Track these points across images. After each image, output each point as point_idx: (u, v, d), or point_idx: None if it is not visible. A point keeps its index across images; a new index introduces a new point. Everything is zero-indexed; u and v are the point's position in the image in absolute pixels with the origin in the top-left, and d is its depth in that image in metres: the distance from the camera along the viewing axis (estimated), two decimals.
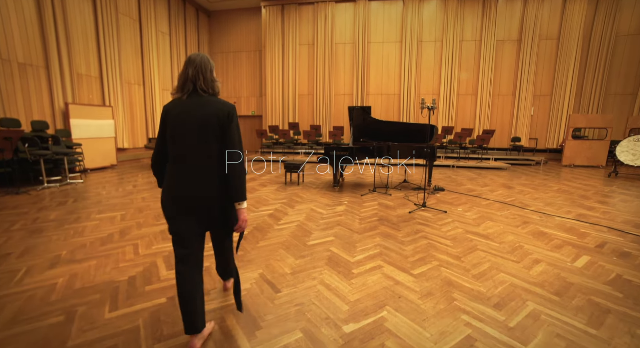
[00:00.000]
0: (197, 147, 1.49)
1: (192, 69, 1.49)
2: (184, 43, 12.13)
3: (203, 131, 1.47)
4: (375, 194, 5.44)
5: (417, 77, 11.78)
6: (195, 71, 1.49)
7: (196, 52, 1.55)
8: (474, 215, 4.18)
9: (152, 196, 5.07)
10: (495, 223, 3.86)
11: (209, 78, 1.52)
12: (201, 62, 1.51)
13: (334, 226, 3.67)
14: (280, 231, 3.48)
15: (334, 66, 12.37)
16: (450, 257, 2.82)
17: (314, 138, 10.77)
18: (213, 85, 1.54)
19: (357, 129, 6.39)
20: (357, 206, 4.60)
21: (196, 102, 1.50)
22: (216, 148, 1.51)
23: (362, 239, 3.26)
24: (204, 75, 1.51)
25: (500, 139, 11.56)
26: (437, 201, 5.00)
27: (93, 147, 7.77)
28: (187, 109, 1.49)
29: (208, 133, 1.48)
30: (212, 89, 1.54)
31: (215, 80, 1.55)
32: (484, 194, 5.51)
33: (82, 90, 7.90)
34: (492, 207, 4.64)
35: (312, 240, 3.22)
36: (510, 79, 11.19)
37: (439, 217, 4.07)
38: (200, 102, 1.49)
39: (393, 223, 3.79)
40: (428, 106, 4.17)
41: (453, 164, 9.41)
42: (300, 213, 4.23)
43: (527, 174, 7.97)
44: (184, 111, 1.49)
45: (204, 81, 1.51)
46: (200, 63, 1.51)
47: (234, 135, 1.52)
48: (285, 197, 5.20)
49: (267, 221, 3.87)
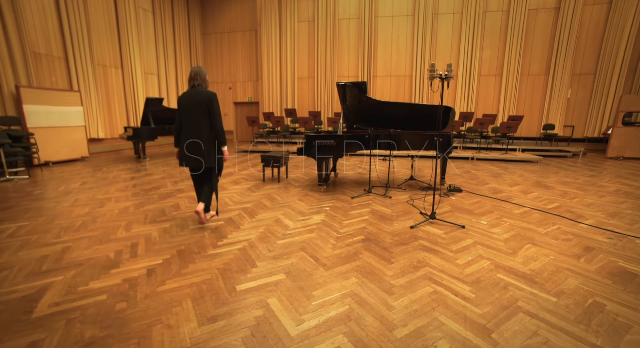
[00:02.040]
0: (195, 119, 2.77)
1: (193, 74, 2.78)
2: (171, 22, 11.00)
3: (201, 107, 2.75)
4: (371, 197, 4.21)
5: (431, 57, 10.23)
6: (195, 75, 2.78)
7: (197, 66, 3.08)
8: (506, 233, 2.90)
9: (88, 198, 4.05)
10: (540, 248, 2.58)
11: (202, 79, 2.81)
12: (199, 70, 2.79)
13: (295, 252, 2.49)
14: (209, 261, 2.34)
15: (337, 45, 10.96)
16: (472, 329, 1.60)
17: (311, 125, 9.52)
18: (206, 84, 2.84)
19: (352, 113, 5.12)
20: (341, 216, 3.40)
21: (196, 91, 2.78)
22: (206, 119, 2.78)
23: (328, 280, 2.08)
24: (201, 77, 2.80)
25: (528, 127, 9.94)
26: (451, 208, 3.72)
27: (56, 137, 6.85)
28: (189, 97, 2.77)
29: (198, 110, 2.75)
30: (206, 85, 2.84)
31: (206, 80, 2.83)
32: (515, 198, 4.18)
33: (42, 72, 6.94)
34: (529, 218, 3.33)
35: (248, 281, 2.06)
36: (544, 55, 9.47)
37: (453, 236, 2.82)
38: (198, 92, 2.77)
39: (384, 248, 2.58)
40: (440, 74, 2.87)
41: (472, 155, 7.98)
42: (258, 226, 3.08)
43: (565, 169, 6.49)
44: (188, 96, 2.78)
45: (201, 80, 2.80)
46: (198, 71, 2.79)
47: (216, 111, 2.76)
48: (253, 200, 4.05)
49: (204, 240, 2.74)
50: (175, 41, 11.23)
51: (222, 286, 1.99)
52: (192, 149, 2.75)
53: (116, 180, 5.22)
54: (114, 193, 4.39)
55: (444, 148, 4.58)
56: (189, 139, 2.75)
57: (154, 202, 3.94)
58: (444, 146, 4.57)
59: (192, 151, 2.76)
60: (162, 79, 10.73)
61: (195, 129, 2.73)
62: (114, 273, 2.14)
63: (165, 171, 6.07)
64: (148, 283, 2.01)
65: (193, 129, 2.73)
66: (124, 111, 9.25)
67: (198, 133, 2.73)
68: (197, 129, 2.73)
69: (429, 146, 4.51)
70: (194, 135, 2.74)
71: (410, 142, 4.57)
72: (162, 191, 4.47)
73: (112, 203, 3.86)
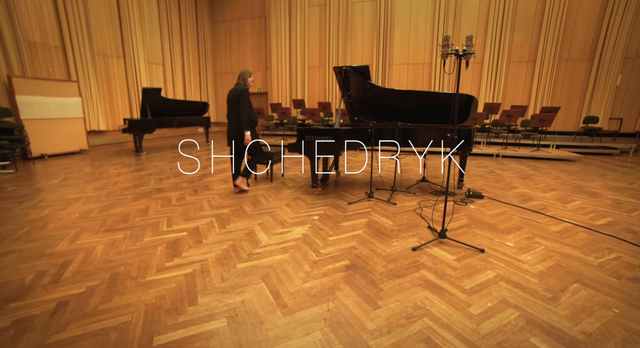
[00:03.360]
0: (232, 109, 3.63)
1: (239, 75, 3.65)
2: (177, 10, 10.59)
3: (234, 101, 3.58)
4: (372, 203, 3.56)
5: (454, 42, 9.20)
6: (239, 76, 3.64)
7: (243, 70, 3.70)
8: (540, 263, 2.18)
9: (56, 198, 3.66)
10: (594, 292, 1.85)
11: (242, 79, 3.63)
12: (242, 73, 3.63)
13: (253, 283, 1.92)
14: (142, 292, 1.81)
15: (350, 31, 10.15)
16: None
17: (319, 118, 8.86)
18: (246, 83, 3.62)
19: (356, 103, 4.44)
20: (329, 229, 2.79)
21: (235, 88, 3.61)
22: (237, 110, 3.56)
23: (281, 335, 1.48)
24: (242, 77, 3.62)
25: (564, 120, 8.78)
26: (468, 220, 3.01)
27: (52, 129, 6.63)
28: (231, 93, 3.63)
29: (234, 102, 3.58)
30: (246, 83, 3.63)
31: (246, 80, 3.62)
32: (550, 208, 3.39)
33: (38, 62, 6.70)
34: (572, 240, 2.57)
35: (173, 330, 1.50)
36: (588, 37, 8.22)
37: (468, 264, 2.14)
38: (236, 88, 3.59)
39: (372, 281, 1.95)
40: (456, 49, 2.16)
41: (498, 152, 7.06)
42: (224, 241, 2.53)
43: (612, 171, 5.49)
44: (230, 92, 3.63)
45: (241, 80, 3.62)
46: (241, 73, 3.63)
47: (242, 102, 3.51)
48: (233, 204, 3.52)
49: (151, 259, 2.22)
50: (182, 30, 10.83)
51: (136, 337, 1.46)
52: (230, 132, 3.71)
53: (101, 176, 4.86)
54: (89, 191, 4.00)
55: (463, 145, 3.83)
56: (229, 125, 3.71)
57: (124, 204, 3.49)
58: (462, 143, 3.82)
59: (230, 134, 3.72)
60: (168, 69, 10.39)
61: (232, 117, 3.65)
62: (10, 310, 1.66)
63: (156, 167, 5.68)
64: (43, 329, 1.51)
65: (231, 117, 3.66)
66: (126, 102, 8.98)
67: (234, 120, 3.64)
68: (233, 117, 3.65)
69: (445, 143, 3.77)
70: (232, 122, 3.67)
71: (422, 138, 3.85)
72: (140, 191, 4.04)
73: (78, 205, 3.45)
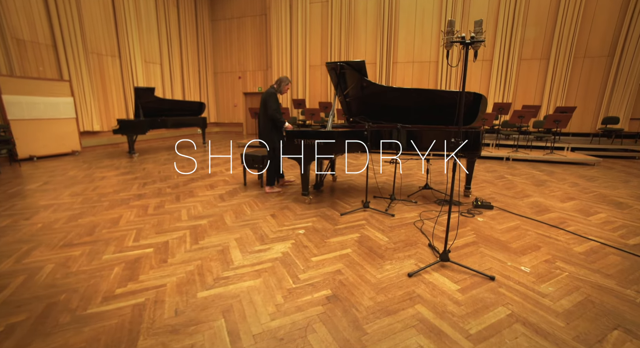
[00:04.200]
0: (261, 111, 3.73)
1: (279, 78, 3.72)
2: (176, 7, 10.34)
3: (263, 104, 3.69)
4: (367, 213, 3.19)
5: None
6: (279, 79, 3.72)
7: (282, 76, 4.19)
8: (565, 297, 1.79)
9: (25, 205, 3.39)
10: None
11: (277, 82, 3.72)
12: (280, 78, 3.71)
13: (211, 320, 1.57)
14: (70, 337, 1.48)
15: (353, 28, 9.77)
16: None
17: (319, 118, 8.50)
18: (280, 88, 3.72)
19: (354, 102, 4.08)
20: (314, 246, 2.43)
21: (266, 91, 3.73)
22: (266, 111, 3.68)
23: None
24: (277, 82, 3.72)
25: (580, 121, 8.25)
26: (476, 236, 2.62)
27: (41, 130, 6.42)
28: (263, 95, 3.71)
29: (263, 105, 3.69)
30: (279, 88, 3.72)
31: (280, 84, 3.71)
32: (571, 222, 2.97)
33: (27, 60, 6.50)
34: (602, 264, 2.16)
35: None
36: (609, 32, 7.68)
37: (474, 297, 1.76)
38: (267, 91, 3.71)
39: (354, 320, 1.58)
40: (462, 36, 1.78)
41: (508, 155, 6.61)
42: (191, 260, 2.19)
43: (638, 177, 5.01)
44: (262, 95, 3.73)
45: (276, 83, 3.73)
46: (279, 78, 3.72)
47: (271, 105, 3.61)
48: (214, 213, 3.19)
49: (100, 284, 1.90)
50: (180, 28, 10.59)
51: None
52: (260, 133, 3.85)
53: (83, 180, 4.59)
54: (64, 197, 3.71)
55: (471, 148, 3.43)
56: (259, 126, 3.85)
57: (96, 213, 3.20)
58: (470, 147, 3.42)
59: (259, 135, 3.85)
60: (166, 68, 10.15)
61: (261, 118, 3.77)
62: None
63: (145, 170, 5.39)
64: None
65: (261, 118, 3.78)
66: (122, 103, 8.76)
67: (261, 123, 3.78)
68: (261, 119, 3.77)
69: (449, 147, 3.38)
70: (260, 123, 3.81)
71: (425, 140, 3.46)
72: (118, 197, 3.74)
73: (46, 213, 3.16)
